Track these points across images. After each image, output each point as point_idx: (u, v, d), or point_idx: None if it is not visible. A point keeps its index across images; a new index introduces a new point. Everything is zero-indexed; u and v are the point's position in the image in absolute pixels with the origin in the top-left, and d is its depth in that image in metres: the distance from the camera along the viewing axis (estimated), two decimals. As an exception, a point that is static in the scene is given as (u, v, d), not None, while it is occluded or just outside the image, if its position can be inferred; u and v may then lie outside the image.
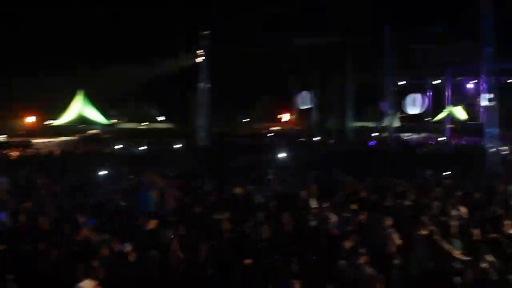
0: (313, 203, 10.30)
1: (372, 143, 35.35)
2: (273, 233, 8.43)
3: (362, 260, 6.96)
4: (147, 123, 72.43)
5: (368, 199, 11.31)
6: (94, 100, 68.08)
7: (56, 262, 7.16)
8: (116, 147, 31.34)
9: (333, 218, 9.32)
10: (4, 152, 26.04)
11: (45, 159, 23.29)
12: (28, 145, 30.17)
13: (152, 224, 8.65)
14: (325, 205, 10.19)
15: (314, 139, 39.15)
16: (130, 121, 74.03)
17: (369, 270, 6.80)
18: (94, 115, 64.27)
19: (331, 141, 38.29)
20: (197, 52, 26.71)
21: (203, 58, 25.92)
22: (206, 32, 26.01)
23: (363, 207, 10.05)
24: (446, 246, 7.89)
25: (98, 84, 64.78)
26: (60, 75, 67.59)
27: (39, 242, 7.81)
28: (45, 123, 63.97)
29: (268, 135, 50.58)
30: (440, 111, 44.12)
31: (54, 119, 64.54)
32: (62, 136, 42.63)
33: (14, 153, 25.56)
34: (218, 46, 28.17)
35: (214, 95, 28.98)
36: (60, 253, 7.46)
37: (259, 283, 6.60)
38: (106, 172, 15.95)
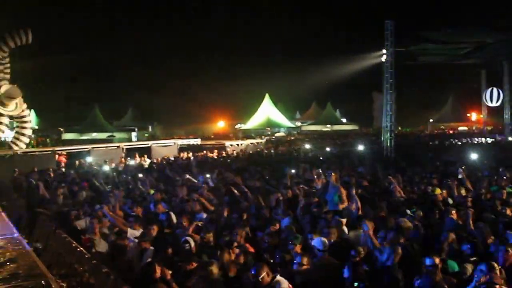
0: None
1: None
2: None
3: None
4: (331, 125, 72.87)
5: None
6: (280, 102, 70.80)
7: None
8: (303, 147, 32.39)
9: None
10: (203, 153, 28.65)
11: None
12: (223, 147, 32.45)
13: (343, 222, 8.80)
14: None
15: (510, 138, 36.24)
16: (314, 123, 75.34)
17: None
18: (280, 118, 66.38)
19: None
20: (381, 51, 26.27)
21: (387, 56, 25.43)
22: (389, 30, 25.47)
23: None
24: None
25: (282, 86, 67.27)
26: (246, 79, 71.85)
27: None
28: (235, 127, 68.32)
29: (456, 134, 47.99)
30: None
31: (243, 123, 68.42)
32: (251, 139, 45.12)
33: (211, 155, 28.04)
34: (403, 43, 27.43)
35: (399, 95, 28.28)
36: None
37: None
38: (293, 171, 16.67)
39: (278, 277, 6.13)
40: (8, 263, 3.42)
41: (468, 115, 69.20)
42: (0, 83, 24.74)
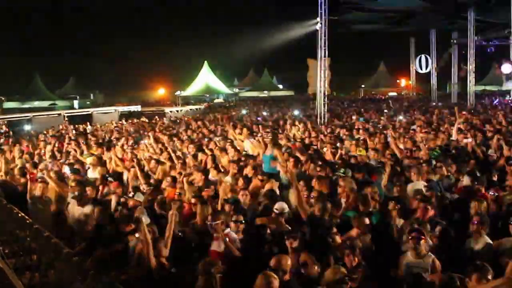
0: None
1: (496, 101, 34.32)
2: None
3: None
4: (268, 91, 73.86)
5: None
6: (218, 69, 70.81)
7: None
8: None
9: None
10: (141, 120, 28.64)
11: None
12: (162, 114, 32.58)
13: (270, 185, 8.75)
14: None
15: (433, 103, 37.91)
16: (251, 90, 76.04)
17: None
18: (218, 84, 66.57)
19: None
20: (316, 19, 26.78)
21: (321, 24, 25.98)
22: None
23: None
24: None
25: (220, 53, 67.25)
26: (185, 47, 71.34)
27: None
28: (175, 94, 68.08)
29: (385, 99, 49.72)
30: None
31: (182, 90, 68.24)
32: (190, 105, 45.38)
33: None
34: (336, 12, 28.01)
35: (333, 62, 29.00)
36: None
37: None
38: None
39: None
40: None
41: (398, 81, 71.78)
42: None
